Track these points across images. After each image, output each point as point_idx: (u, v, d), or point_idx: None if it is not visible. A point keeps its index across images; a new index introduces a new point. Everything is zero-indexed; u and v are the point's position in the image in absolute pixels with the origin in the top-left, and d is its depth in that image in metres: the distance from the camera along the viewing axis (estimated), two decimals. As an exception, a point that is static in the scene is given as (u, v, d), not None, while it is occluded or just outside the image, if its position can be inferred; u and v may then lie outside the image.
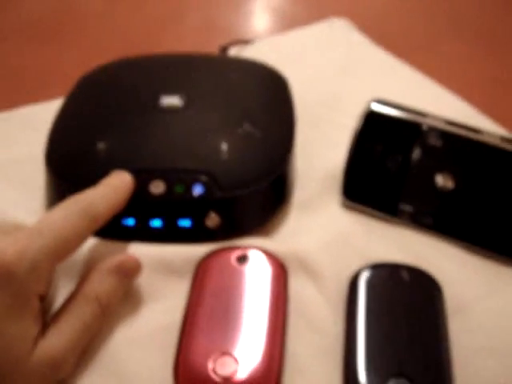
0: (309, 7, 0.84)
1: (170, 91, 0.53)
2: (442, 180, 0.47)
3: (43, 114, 0.58)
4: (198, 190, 0.45)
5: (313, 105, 0.60)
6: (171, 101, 0.52)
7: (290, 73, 0.59)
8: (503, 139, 0.45)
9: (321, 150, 0.55)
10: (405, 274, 0.42)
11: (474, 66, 0.70)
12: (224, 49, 0.70)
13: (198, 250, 0.45)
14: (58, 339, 0.36)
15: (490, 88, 0.66)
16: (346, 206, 0.50)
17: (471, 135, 0.46)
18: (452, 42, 0.76)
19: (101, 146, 0.49)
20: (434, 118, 0.47)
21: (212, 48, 0.71)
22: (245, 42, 0.72)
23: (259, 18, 0.93)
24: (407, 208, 0.48)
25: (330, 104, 0.61)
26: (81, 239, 0.39)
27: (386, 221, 0.49)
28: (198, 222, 0.46)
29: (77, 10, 0.90)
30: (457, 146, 0.46)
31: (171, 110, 0.51)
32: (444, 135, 0.46)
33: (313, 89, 0.63)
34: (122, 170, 0.46)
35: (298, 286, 0.43)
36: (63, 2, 0.90)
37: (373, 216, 0.49)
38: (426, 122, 0.47)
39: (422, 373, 0.36)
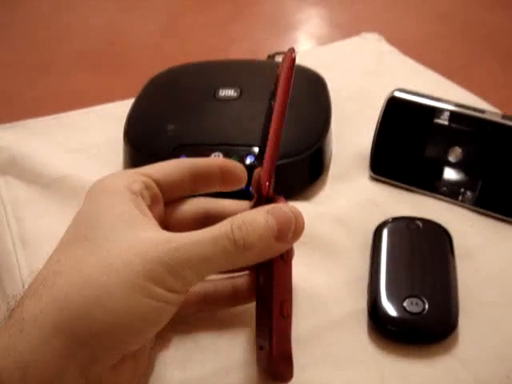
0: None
1: (227, 86, 0.64)
2: (452, 153, 0.56)
3: (115, 109, 0.71)
4: (249, 160, 0.55)
5: (346, 101, 0.70)
6: (227, 93, 0.63)
7: (326, 75, 0.69)
8: (504, 117, 0.54)
9: (352, 137, 0.65)
10: (420, 224, 0.51)
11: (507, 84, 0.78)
12: (271, 57, 0.81)
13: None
14: None
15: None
16: (373, 179, 0.60)
17: (476, 114, 0.55)
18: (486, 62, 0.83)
19: (169, 125, 0.60)
20: (446, 101, 0.57)
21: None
22: (288, 52, 0.83)
23: (302, 44, 1.04)
24: (423, 178, 0.57)
25: (360, 100, 0.71)
26: None
27: (406, 190, 0.58)
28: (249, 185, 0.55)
29: (127, 42, 1.00)
30: (464, 124, 0.55)
31: (227, 100, 0.62)
32: (454, 115, 0.56)
33: (346, 88, 0.73)
34: (187, 145, 0.57)
35: (332, 234, 0.53)
36: (113, 35, 1.01)
37: (395, 186, 0.58)
38: (439, 105, 0.57)
39: (432, 294, 0.45)
